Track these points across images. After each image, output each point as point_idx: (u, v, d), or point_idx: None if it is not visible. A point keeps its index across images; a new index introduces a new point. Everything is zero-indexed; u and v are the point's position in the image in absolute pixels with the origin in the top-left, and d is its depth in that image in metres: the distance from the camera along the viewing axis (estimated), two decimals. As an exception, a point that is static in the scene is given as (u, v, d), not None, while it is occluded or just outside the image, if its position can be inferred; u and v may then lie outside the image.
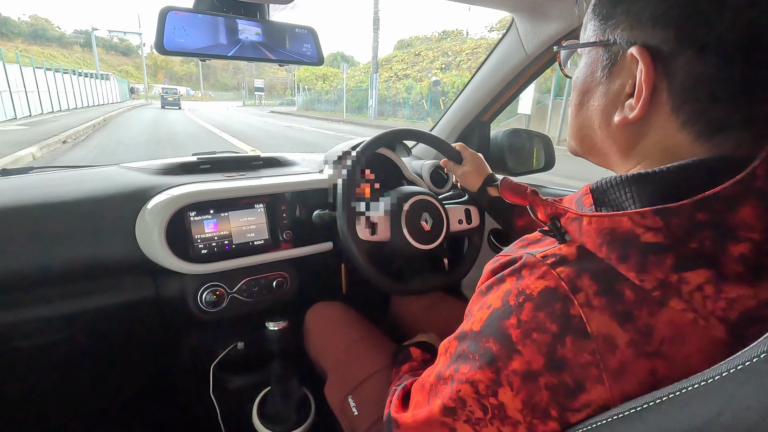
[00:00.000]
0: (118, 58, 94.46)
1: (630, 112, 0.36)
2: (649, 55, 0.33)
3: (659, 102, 0.34)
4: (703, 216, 0.30)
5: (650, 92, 0.34)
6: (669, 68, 0.33)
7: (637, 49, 0.34)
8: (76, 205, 0.89)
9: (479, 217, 1.03)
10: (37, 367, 1.02)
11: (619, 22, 0.36)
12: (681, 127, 0.34)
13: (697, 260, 0.30)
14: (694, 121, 0.33)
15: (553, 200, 0.39)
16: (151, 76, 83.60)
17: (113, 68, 75.50)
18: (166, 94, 23.59)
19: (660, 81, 0.34)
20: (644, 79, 0.34)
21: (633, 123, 0.36)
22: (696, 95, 0.32)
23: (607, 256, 0.33)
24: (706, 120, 0.33)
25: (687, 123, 0.33)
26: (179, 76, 75.35)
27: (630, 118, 0.36)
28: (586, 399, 0.33)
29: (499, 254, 0.43)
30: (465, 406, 0.40)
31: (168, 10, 0.71)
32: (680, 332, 0.31)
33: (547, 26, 0.99)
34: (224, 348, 1.07)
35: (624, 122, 0.37)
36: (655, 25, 0.33)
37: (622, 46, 0.36)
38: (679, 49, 0.32)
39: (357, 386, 0.79)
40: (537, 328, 0.34)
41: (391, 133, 0.96)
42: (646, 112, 0.35)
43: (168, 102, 23.13)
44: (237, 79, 73.73)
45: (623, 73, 0.36)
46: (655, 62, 0.33)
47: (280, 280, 1.05)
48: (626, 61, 0.36)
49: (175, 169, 1.08)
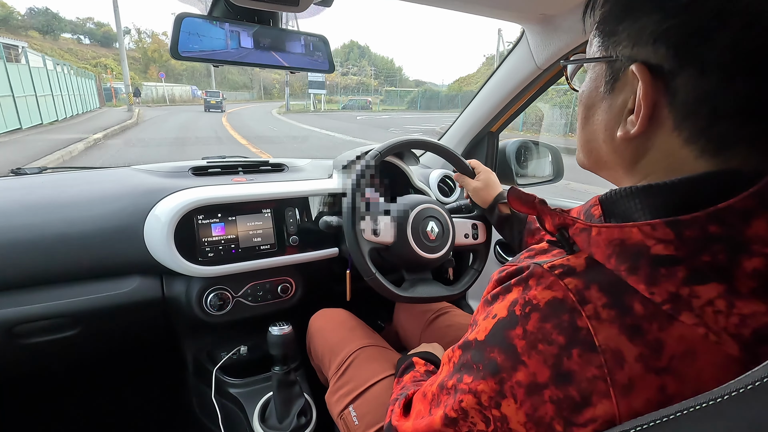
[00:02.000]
0: (94, 50, 66.10)
1: (632, 127, 0.36)
2: (648, 72, 0.33)
3: (661, 118, 0.34)
4: (715, 229, 0.30)
5: (650, 109, 0.34)
6: (670, 86, 0.33)
7: (637, 66, 0.34)
8: (86, 206, 0.90)
9: (486, 234, 1.03)
10: (44, 364, 1.03)
11: (621, 39, 0.36)
12: (684, 143, 0.34)
13: (710, 274, 0.30)
14: (697, 137, 0.33)
15: (562, 210, 0.39)
16: (140, 71, 62.29)
17: (86, 62, 51.11)
18: (210, 98, 25.08)
19: (661, 98, 0.34)
20: (643, 96, 0.34)
21: (636, 138, 0.36)
22: (697, 112, 0.32)
23: (616, 268, 0.33)
24: (709, 136, 0.32)
25: (690, 139, 0.33)
26: (178, 71, 57.13)
27: (631, 133, 0.36)
28: (592, 414, 0.32)
29: (506, 264, 0.42)
30: (467, 417, 0.39)
31: (183, 16, 0.72)
32: (691, 348, 0.30)
33: (558, 39, 0.99)
34: (227, 352, 1.07)
35: (626, 137, 0.37)
36: (655, 43, 0.33)
37: (624, 63, 0.36)
38: (680, 67, 0.32)
39: (358, 395, 0.78)
40: (543, 340, 0.34)
41: (406, 142, 0.96)
42: (648, 127, 0.35)
43: (211, 105, 24.42)
44: (247, 77, 62.64)
45: (626, 89, 0.36)
46: (656, 79, 0.33)
47: (285, 285, 1.05)
48: (628, 77, 0.36)
49: (185, 172, 1.09)
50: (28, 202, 0.88)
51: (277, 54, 0.80)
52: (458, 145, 1.38)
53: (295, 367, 0.90)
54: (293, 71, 0.86)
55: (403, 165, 1.20)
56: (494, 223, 0.96)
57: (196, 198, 0.90)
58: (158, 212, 0.90)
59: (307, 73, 0.99)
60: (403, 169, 1.20)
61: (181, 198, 0.91)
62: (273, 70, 5.11)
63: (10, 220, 0.83)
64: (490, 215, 0.96)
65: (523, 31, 1.07)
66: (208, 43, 0.74)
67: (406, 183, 1.22)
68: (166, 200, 0.92)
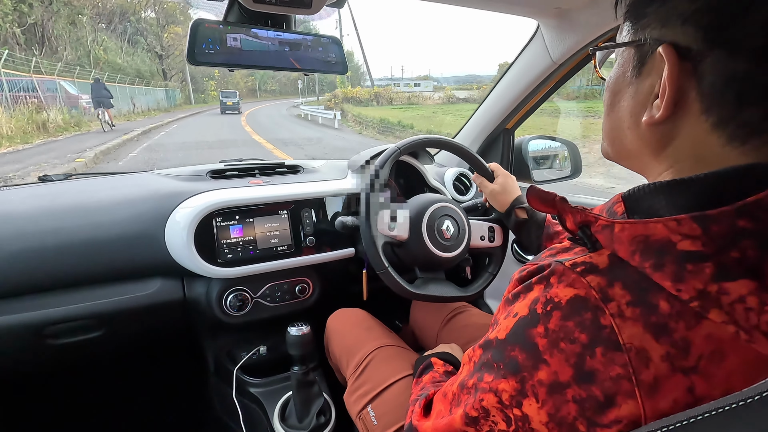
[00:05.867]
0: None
1: (657, 111, 0.35)
2: (675, 53, 0.33)
3: (687, 103, 0.34)
4: (745, 223, 0.29)
5: (674, 91, 0.33)
6: (698, 68, 0.32)
7: (664, 47, 0.33)
8: (110, 210, 0.93)
9: (502, 238, 1.01)
10: (70, 364, 1.06)
11: (649, 21, 0.35)
12: (711, 129, 0.33)
13: (739, 270, 0.29)
14: (725, 124, 0.32)
15: (583, 208, 0.38)
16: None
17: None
18: (226, 99, 22.66)
19: (688, 81, 0.33)
20: (668, 78, 0.33)
21: (662, 124, 0.35)
22: (725, 97, 0.31)
23: (640, 265, 0.32)
24: (738, 123, 0.31)
25: (717, 126, 0.32)
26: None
27: (656, 118, 0.35)
28: (617, 414, 0.31)
29: (527, 263, 0.42)
30: (488, 416, 0.39)
31: (199, 23, 0.74)
32: (720, 347, 0.29)
33: (574, 33, 0.97)
34: (247, 352, 1.09)
35: (651, 122, 0.36)
36: (684, 24, 0.32)
37: (651, 46, 0.35)
38: (708, 48, 0.31)
39: (376, 395, 0.78)
40: (565, 338, 0.33)
41: (425, 141, 0.96)
42: (675, 112, 0.34)
43: (227, 107, 22.22)
44: (250, 82, 55.99)
45: (653, 73, 0.36)
46: (683, 62, 0.33)
47: (303, 285, 1.06)
48: (655, 60, 0.35)
49: (203, 176, 1.11)
50: (55, 207, 0.91)
51: (291, 57, 0.81)
52: (473, 143, 1.37)
53: (314, 367, 0.91)
54: (308, 73, 0.87)
55: (418, 164, 1.20)
56: (511, 227, 0.95)
57: (215, 201, 0.92)
58: (178, 216, 0.92)
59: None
60: (418, 168, 1.20)
61: (200, 201, 0.92)
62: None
63: (39, 226, 0.86)
64: (506, 219, 0.95)
65: (538, 26, 1.06)
66: (223, 48, 0.76)
67: (422, 182, 1.21)
68: (186, 203, 0.94)
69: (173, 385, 1.37)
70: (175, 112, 24.51)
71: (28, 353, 0.89)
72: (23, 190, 0.99)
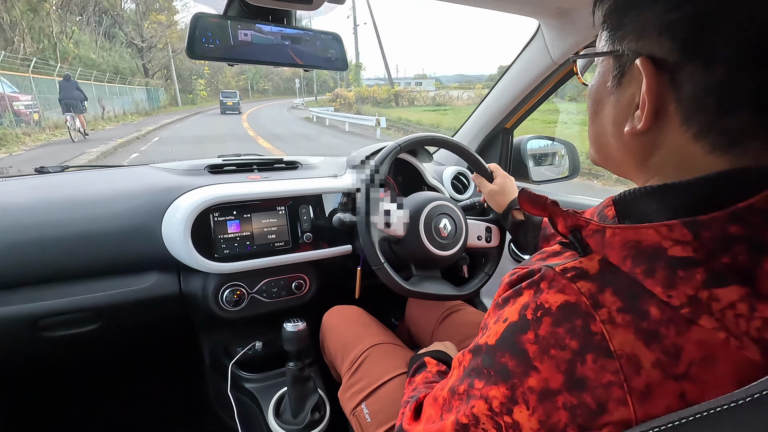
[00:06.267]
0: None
1: (638, 122, 0.35)
2: (652, 66, 0.33)
3: (668, 113, 0.34)
4: (736, 229, 0.29)
5: (654, 103, 0.34)
6: (675, 79, 0.32)
7: (641, 60, 0.33)
8: (107, 203, 0.93)
9: (499, 239, 1.02)
10: (66, 357, 1.06)
11: (627, 32, 0.35)
12: (694, 139, 0.33)
13: (730, 276, 0.29)
14: (706, 133, 0.32)
15: (574, 211, 0.38)
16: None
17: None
18: (226, 99, 21.83)
19: (667, 92, 0.33)
20: (647, 91, 0.33)
21: (644, 134, 0.36)
22: (705, 106, 0.31)
23: (631, 270, 0.32)
24: (719, 132, 0.32)
25: (699, 135, 0.32)
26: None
27: (638, 129, 0.35)
28: (608, 421, 0.31)
29: (517, 266, 0.42)
30: (478, 423, 0.38)
31: (199, 16, 0.73)
32: (711, 353, 0.29)
33: (575, 33, 0.97)
34: (243, 347, 1.09)
35: (633, 132, 0.36)
36: (660, 36, 0.32)
37: (630, 57, 0.35)
38: (685, 60, 0.31)
39: (371, 393, 0.78)
40: (556, 345, 0.33)
41: (425, 139, 0.96)
42: (656, 123, 0.34)
43: (228, 107, 21.45)
44: (242, 81, 52.02)
45: (632, 84, 0.36)
46: (661, 73, 0.33)
47: (300, 282, 1.06)
48: (634, 72, 0.35)
49: (201, 170, 1.11)
50: (51, 199, 0.91)
51: (292, 52, 0.81)
52: (472, 141, 1.37)
53: (309, 363, 0.91)
54: (308, 69, 0.86)
55: (417, 162, 1.20)
56: (508, 228, 0.95)
57: (212, 196, 0.92)
58: (175, 210, 0.92)
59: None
60: (417, 166, 1.20)
61: (197, 196, 0.92)
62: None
63: (35, 218, 0.86)
64: (504, 220, 0.95)
65: (538, 26, 1.06)
66: (223, 42, 0.75)
67: (420, 180, 1.21)
68: (183, 198, 0.94)
69: (169, 379, 1.37)
70: (158, 115, 20.86)
71: (22, 345, 0.89)
72: (20, 182, 0.99)
